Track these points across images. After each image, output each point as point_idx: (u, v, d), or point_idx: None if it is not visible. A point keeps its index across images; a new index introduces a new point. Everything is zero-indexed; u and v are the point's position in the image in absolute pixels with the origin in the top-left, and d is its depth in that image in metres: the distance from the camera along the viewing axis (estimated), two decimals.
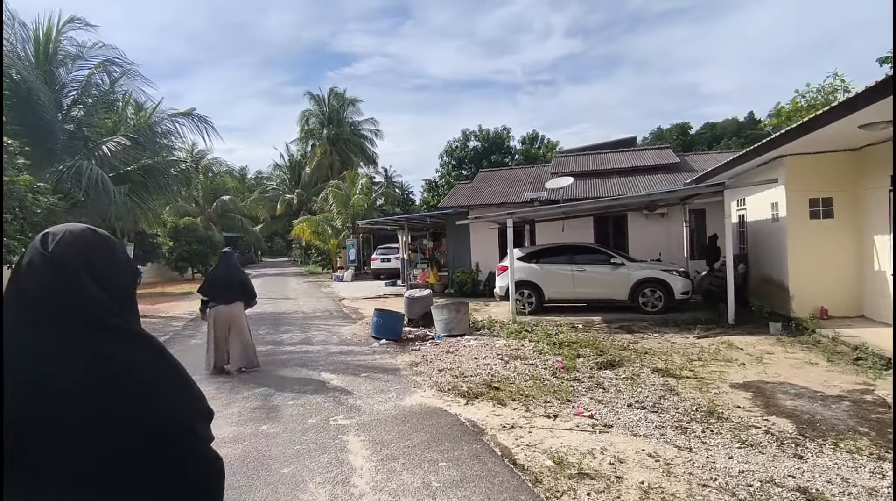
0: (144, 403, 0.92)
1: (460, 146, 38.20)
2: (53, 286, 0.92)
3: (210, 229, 32.99)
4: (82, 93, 11.28)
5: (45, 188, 7.64)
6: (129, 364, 0.93)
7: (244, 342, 6.87)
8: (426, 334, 9.47)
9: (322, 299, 16.51)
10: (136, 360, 0.94)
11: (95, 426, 0.88)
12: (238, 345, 6.80)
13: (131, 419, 0.91)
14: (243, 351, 6.83)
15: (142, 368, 0.94)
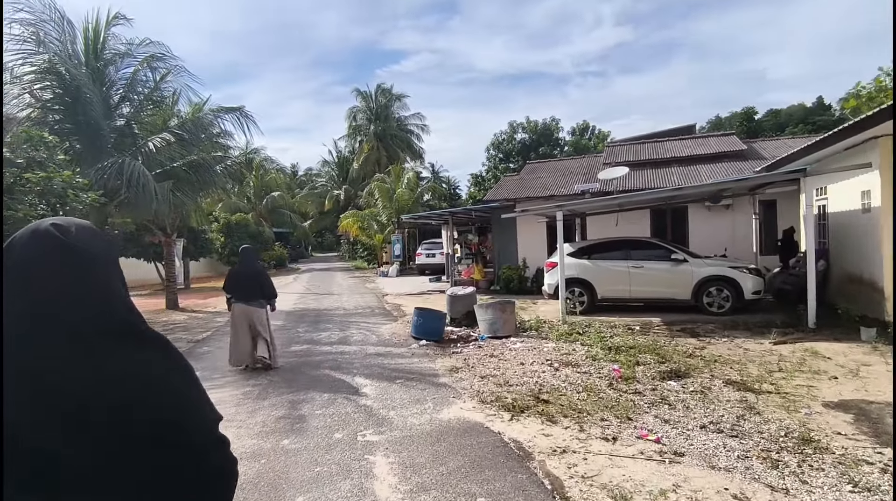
0: (153, 403, 0.89)
1: (507, 139, 37.32)
2: (74, 274, 0.90)
3: (261, 225, 33.63)
4: (129, 90, 11.35)
5: (84, 184, 7.57)
6: (142, 364, 0.91)
7: (265, 341, 6.81)
8: (469, 334, 8.92)
9: (365, 296, 16.25)
10: (148, 359, 0.92)
11: (101, 426, 0.85)
12: (261, 344, 6.76)
13: (140, 421, 0.87)
14: (264, 350, 6.77)
15: (152, 367, 0.92)
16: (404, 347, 8.02)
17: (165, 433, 0.89)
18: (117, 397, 0.86)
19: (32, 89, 10.15)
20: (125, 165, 9.27)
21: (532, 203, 14.97)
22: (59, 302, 0.88)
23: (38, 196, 6.58)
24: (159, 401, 0.90)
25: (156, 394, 0.90)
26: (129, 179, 9.11)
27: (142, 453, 0.87)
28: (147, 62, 11.16)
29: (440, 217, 18.41)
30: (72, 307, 0.88)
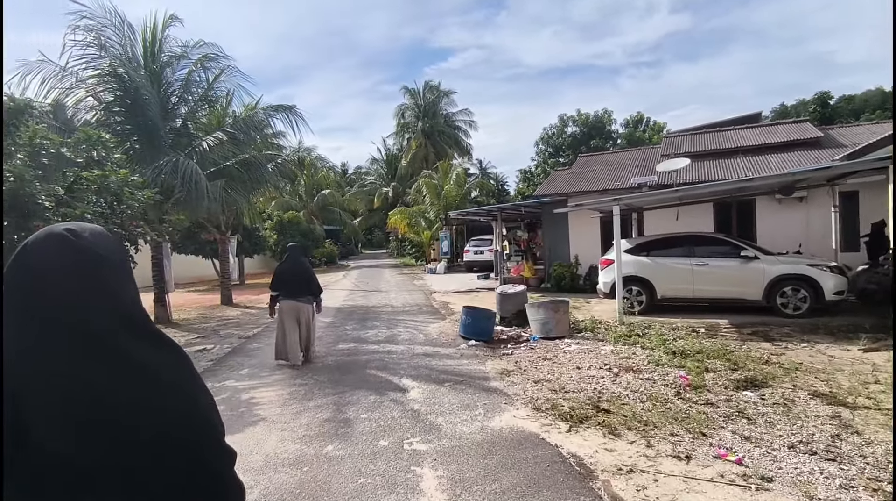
0: (162, 406, 0.88)
1: (557, 132, 36.40)
2: (90, 276, 0.90)
3: (312, 222, 34.27)
4: (184, 90, 11.61)
5: (139, 183, 7.71)
6: (153, 366, 0.90)
7: (309, 338, 6.99)
8: (520, 335, 8.54)
9: (413, 293, 16.11)
10: (158, 362, 0.91)
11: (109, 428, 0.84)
12: (304, 340, 6.92)
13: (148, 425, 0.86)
14: (307, 346, 6.97)
15: (163, 370, 0.91)
16: (452, 347, 7.74)
17: (174, 438, 0.88)
18: (125, 399, 0.86)
19: (96, 92, 10.52)
20: (179, 164, 9.45)
21: (585, 198, 14.35)
22: (70, 304, 0.87)
23: (95, 194, 6.73)
24: (168, 405, 0.89)
25: (165, 397, 0.90)
26: (183, 177, 9.28)
27: (149, 457, 0.86)
28: (201, 62, 11.38)
29: (488, 213, 18.04)
30: (82, 309, 0.87)
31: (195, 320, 12.00)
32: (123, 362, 0.88)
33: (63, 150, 7.39)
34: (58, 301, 0.87)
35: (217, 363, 7.26)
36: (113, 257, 0.96)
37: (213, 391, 3.62)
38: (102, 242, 0.96)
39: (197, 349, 8.35)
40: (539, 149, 37.86)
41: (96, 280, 0.90)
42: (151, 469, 0.86)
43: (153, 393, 0.88)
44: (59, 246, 0.91)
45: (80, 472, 0.82)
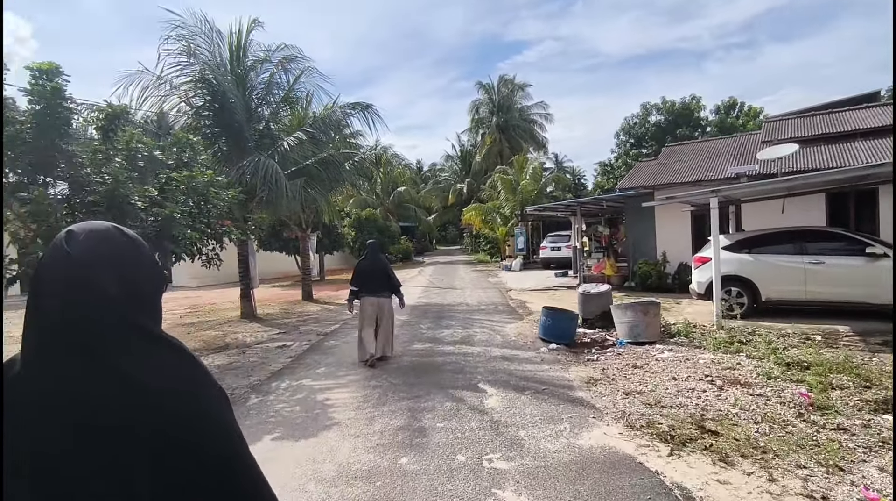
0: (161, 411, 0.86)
1: (640, 122, 34.50)
2: (75, 288, 0.88)
3: (388, 219, 34.87)
4: (267, 92, 11.97)
5: (223, 183, 7.95)
6: (148, 370, 0.88)
7: (387, 333, 6.94)
8: (605, 338, 7.96)
9: (488, 291, 15.77)
10: (156, 366, 0.90)
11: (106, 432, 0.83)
12: (382, 335, 6.88)
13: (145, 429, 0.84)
14: (385, 342, 6.90)
15: (162, 375, 0.89)
16: (532, 350, 7.31)
17: (171, 438, 0.85)
18: (117, 400, 0.84)
19: (187, 98, 11.07)
20: (260, 164, 9.71)
21: (675, 190, 13.31)
22: (61, 307, 0.87)
23: (183, 194, 6.98)
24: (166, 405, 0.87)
25: (162, 397, 0.87)
26: (264, 176, 9.52)
27: (147, 457, 0.83)
28: (281, 64, 11.67)
29: (567, 208, 17.29)
30: (71, 310, 0.87)
31: (277, 315, 12.39)
32: (112, 363, 0.86)
33: (156, 153, 7.76)
34: (51, 306, 0.88)
35: (295, 361, 7.32)
36: (107, 257, 0.93)
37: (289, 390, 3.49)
38: (95, 241, 0.93)
39: (277, 345, 8.52)
40: (619, 140, 36.10)
41: (83, 281, 0.89)
42: (151, 469, 0.84)
43: (145, 394, 0.86)
44: (53, 249, 0.92)
45: (78, 472, 0.82)
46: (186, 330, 10.64)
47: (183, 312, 14.06)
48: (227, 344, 8.90)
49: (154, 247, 6.41)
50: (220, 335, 9.90)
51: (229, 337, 9.58)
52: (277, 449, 4.07)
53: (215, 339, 9.47)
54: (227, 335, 9.87)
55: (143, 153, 7.18)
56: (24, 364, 0.88)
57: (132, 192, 6.21)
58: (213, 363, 7.37)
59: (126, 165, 6.99)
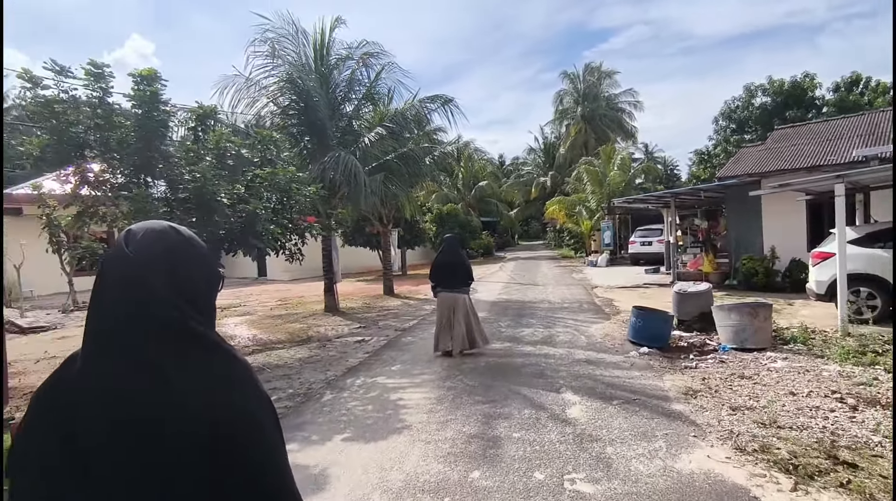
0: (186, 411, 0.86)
1: (743, 105, 31.55)
2: (130, 287, 0.90)
3: (469, 214, 34.72)
4: (349, 90, 12.11)
5: (304, 179, 8.05)
6: (186, 372, 0.88)
7: (467, 325, 6.88)
8: (704, 342, 7.16)
9: (572, 287, 15.05)
10: (197, 367, 0.89)
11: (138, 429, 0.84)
12: (459, 328, 6.81)
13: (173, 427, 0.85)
14: (465, 335, 6.84)
15: (198, 377, 0.89)
16: (620, 354, 6.71)
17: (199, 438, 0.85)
18: (148, 398, 0.85)
19: (274, 98, 11.45)
20: (340, 159, 9.80)
21: (786, 177, 11.85)
22: (112, 305, 0.90)
23: (266, 191, 7.13)
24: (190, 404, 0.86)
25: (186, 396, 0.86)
26: (344, 170, 9.60)
27: (175, 455, 0.84)
28: (363, 60, 11.73)
29: (659, 200, 16.08)
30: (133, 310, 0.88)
31: (359, 309, 12.57)
32: (155, 362, 0.87)
33: (243, 151, 8.03)
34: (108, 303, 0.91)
35: (372, 357, 7.26)
36: (160, 257, 0.94)
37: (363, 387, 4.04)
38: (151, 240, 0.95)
39: (356, 340, 8.54)
40: (718, 126, 33.21)
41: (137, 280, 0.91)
42: (178, 467, 0.84)
43: (179, 394, 0.86)
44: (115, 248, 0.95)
45: (114, 467, 0.83)
46: (274, 322, 11.05)
47: (274, 303, 14.72)
48: (310, 337, 9.08)
49: (239, 243, 6.59)
50: (304, 327, 10.15)
51: (312, 330, 9.79)
52: (346, 451, 3.92)
53: (299, 331, 9.71)
54: (310, 328, 10.10)
55: (232, 152, 7.44)
56: (82, 360, 0.90)
57: (219, 189, 6.40)
58: (294, 356, 7.50)
59: (216, 163, 7.27)
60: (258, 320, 11.58)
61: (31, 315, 14.06)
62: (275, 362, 7.21)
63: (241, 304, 15.29)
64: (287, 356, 7.58)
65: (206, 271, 1.01)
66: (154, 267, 0.92)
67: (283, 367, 6.88)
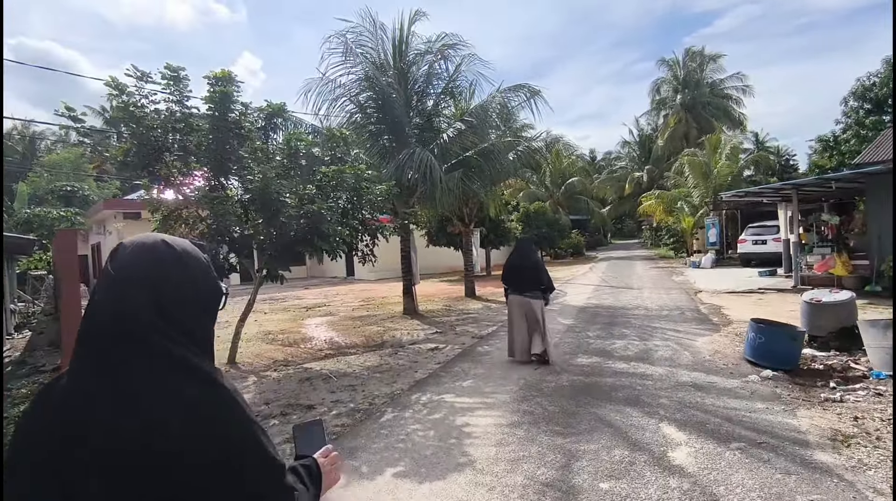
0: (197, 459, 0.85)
1: (881, 82, 27.31)
2: (111, 303, 0.89)
3: (558, 212, 33.29)
4: (427, 84, 11.65)
5: (374, 177, 7.64)
6: (169, 402, 0.85)
7: (539, 334, 6.50)
8: (848, 365, 5.80)
9: (672, 292, 13.54)
10: (179, 399, 0.86)
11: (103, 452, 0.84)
12: (535, 335, 6.51)
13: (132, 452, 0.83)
14: (539, 342, 6.49)
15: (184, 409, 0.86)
16: (736, 377, 5.56)
17: None
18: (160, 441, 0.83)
19: (351, 96, 11.26)
20: (415, 155, 9.35)
21: None
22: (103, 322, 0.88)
23: (332, 190, 6.80)
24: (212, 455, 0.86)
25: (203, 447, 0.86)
26: (419, 167, 9.13)
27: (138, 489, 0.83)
28: (441, 52, 11.20)
29: (777, 192, 14.00)
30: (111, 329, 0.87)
31: (438, 312, 12.10)
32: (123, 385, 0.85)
33: (314, 150, 7.80)
34: (91, 318, 0.90)
35: (443, 368, 6.67)
36: (142, 276, 0.91)
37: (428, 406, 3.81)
38: (135, 256, 0.93)
39: (430, 347, 8.02)
40: (848, 108, 29.00)
41: (117, 297, 0.89)
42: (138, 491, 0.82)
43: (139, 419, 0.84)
44: (108, 259, 0.96)
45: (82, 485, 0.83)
46: (353, 324, 10.88)
47: (357, 304, 14.71)
48: (384, 342, 8.71)
49: (302, 244, 6.30)
50: (380, 331, 9.84)
51: (387, 334, 9.43)
52: (396, 492, 3.33)
53: (375, 335, 9.40)
54: (386, 331, 9.76)
55: (303, 151, 7.21)
56: (67, 374, 0.90)
57: (283, 189, 6.14)
58: (364, 364, 7.12)
59: (286, 163, 7.07)
60: (338, 321, 11.48)
61: None
62: (343, 369, 6.86)
63: (326, 304, 15.47)
64: (357, 363, 7.22)
65: (201, 290, 0.97)
66: (135, 285, 0.89)
67: (351, 376, 6.49)
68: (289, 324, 11.41)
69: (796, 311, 9.60)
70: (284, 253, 6.35)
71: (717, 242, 22.06)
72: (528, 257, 6.93)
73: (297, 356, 7.91)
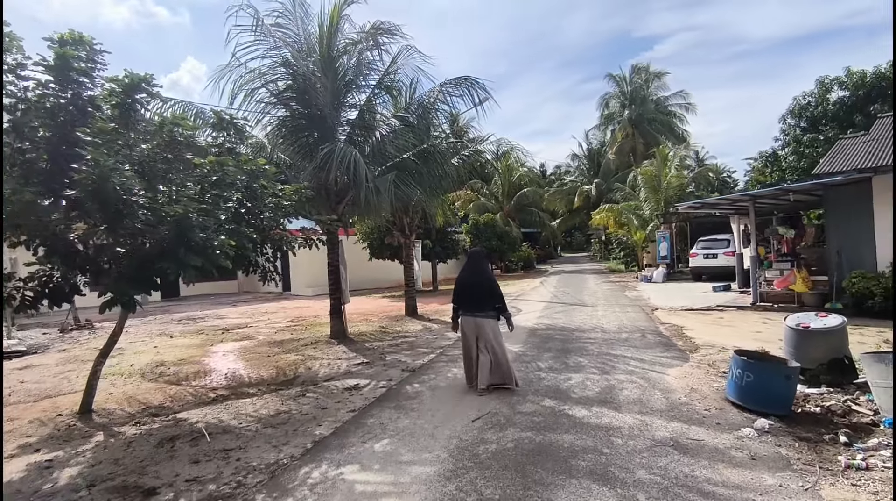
0: None
1: (817, 101, 28.03)
2: None
3: (508, 224, 32.41)
4: (358, 75, 10.15)
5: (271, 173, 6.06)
6: None
7: (494, 358, 5.79)
8: (849, 408, 4.74)
9: (628, 310, 12.58)
10: None
11: None
12: (484, 359, 5.77)
13: None
14: (493, 368, 5.79)
15: None
16: (725, 429, 4.37)
17: None
18: None
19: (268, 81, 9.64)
20: (337, 152, 7.89)
21: None
22: None
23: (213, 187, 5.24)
24: None
25: None
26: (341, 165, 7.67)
27: None
28: (372, 37, 9.74)
29: (734, 204, 13.35)
30: None
31: (371, 335, 10.58)
32: None
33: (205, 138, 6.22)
34: None
35: (357, 418, 5.18)
36: None
37: (318, 491, 3.18)
38: None
39: (349, 385, 6.51)
40: (787, 125, 29.66)
41: None
42: None
43: None
44: None
45: None
46: (269, 351, 9.21)
47: (283, 324, 12.97)
48: (296, 377, 7.13)
49: (163, 259, 4.68)
50: (296, 361, 8.24)
51: (304, 365, 7.86)
52: None
53: (288, 367, 7.80)
54: (304, 361, 8.19)
55: (181, 139, 5.62)
56: None
57: (132, 184, 4.54)
58: (257, 412, 5.54)
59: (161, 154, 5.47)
60: (252, 347, 9.77)
61: (18, 336, 12.81)
62: (227, 421, 5.25)
63: (248, 324, 13.63)
64: (249, 411, 5.62)
65: None
66: None
67: (233, 432, 4.90)
68: (192, 352, 9.60)
69: (763, 332, 8.77)
70: (140, 271, 4.72)
71: (668, 255, 21.61)
72: (481, 272, 6.10)
73: (178, 400, 6.22)
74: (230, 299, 22.11)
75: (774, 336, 8.31)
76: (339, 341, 9.96)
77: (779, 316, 10.44)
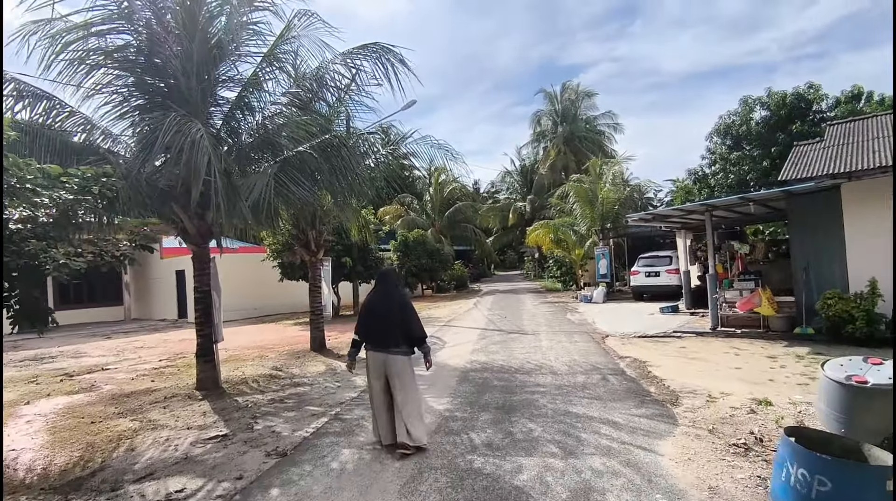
0: None
1: (741, 120, 28.43)
2: None
3: (440, 241, 30.44)
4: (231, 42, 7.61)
5: (30, 162, 3.58)
6: None
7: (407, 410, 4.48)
8: None
9: (575, 338, 10.71)
10: None
11: None
12: (399, 410, 4.48)
13: None
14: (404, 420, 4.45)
15: None
16: None
17: None
18: None
19: (92, 33, 6.94)
20: (169, 122, 5.39)
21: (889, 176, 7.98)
22: None
23: None
24: None
25: None
26: (173, 141, 5.20)
27: None
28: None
29: (688, 214, 11.94)
30: None
31: (254, 382, 8.01)
32: None
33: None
34: None
35: None
36: None
37: None
38: None
39: (174, 488, 4.01)
40: (713, 143, 30.01)
41: None
42: None
43: None
44: None
45: None
46: (102, 413, 6.51)
47: (151, 366, 10.06)
48: (99, 470, 4.52)
49: None
50: (126, 432, 5.61)
51: (127, 444, 5.24)
52: None
53: (105, 446, 5.18)
54: (137, 433, 5.57)
55: None
56: None
57: None
58: None
59: None
60: (81, 407, 6.98)
61: None
62: None
63: (108, 365, 10.59)
64: None
65: None
66: None
67: None
68: None
69: (743, 368, 6.83)
70: None
71: (608, 274, 20.37)
72: (392, 296, 4.78)
73: None
74: (109, 329, 18.44)
75: (762, 376, 6.63)
76: (207, 394, 7.32)
77: (747, 345, 8.95)
